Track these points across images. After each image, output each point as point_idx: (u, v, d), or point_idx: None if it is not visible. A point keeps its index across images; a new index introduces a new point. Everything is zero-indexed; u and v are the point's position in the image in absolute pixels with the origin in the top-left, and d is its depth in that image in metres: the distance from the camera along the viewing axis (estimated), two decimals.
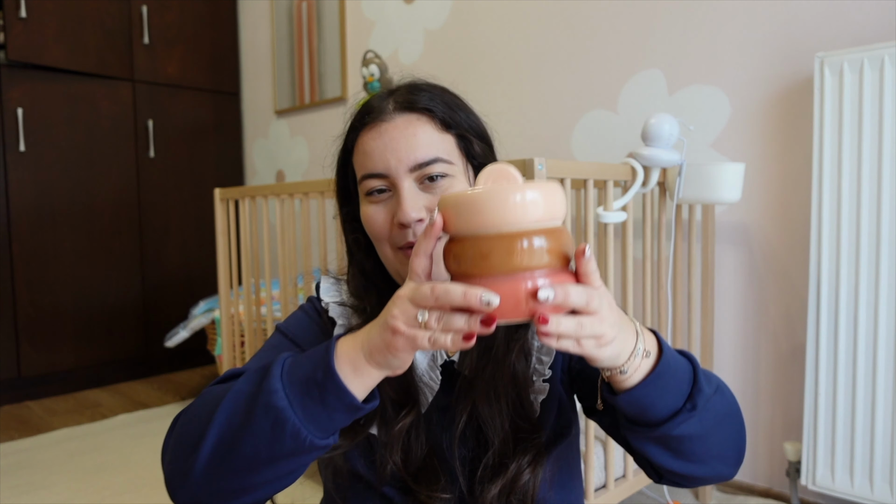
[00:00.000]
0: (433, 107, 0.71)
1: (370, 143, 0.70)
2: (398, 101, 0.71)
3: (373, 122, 0.71)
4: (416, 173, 0.69)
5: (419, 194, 0.69)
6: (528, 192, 0.51)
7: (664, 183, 1.49)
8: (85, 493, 1.82)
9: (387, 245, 0.70)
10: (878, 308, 1.34)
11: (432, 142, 0.69)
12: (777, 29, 1.59)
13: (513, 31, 2.16)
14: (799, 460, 1.53)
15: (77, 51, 2.79)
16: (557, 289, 0.50)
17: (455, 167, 0.70)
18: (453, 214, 0.53)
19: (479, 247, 0.51)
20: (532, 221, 0.51)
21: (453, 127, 0.72)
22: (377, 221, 0.70)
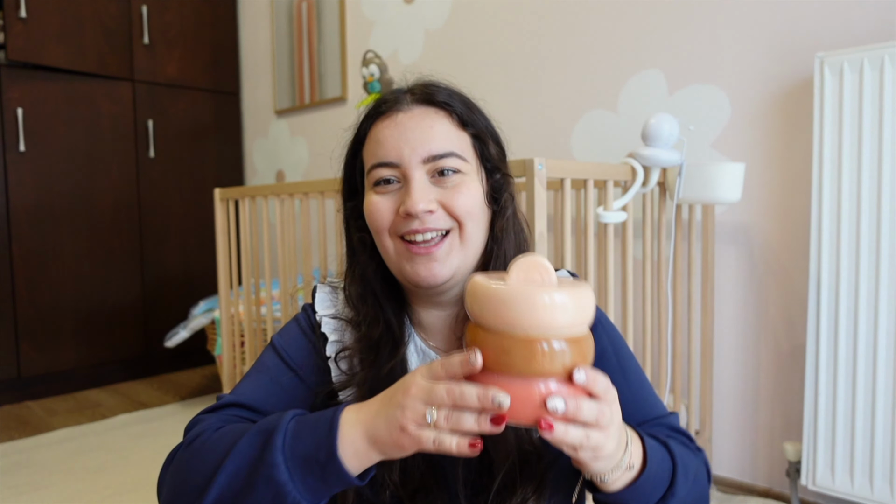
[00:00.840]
0: (452, 103, 0.70)
1: (384, 132, 0.69)
2: (416, 94, 0.71)
3: (389, 112, 0.70)
4: (428, 165, 0.68)
5: (429, 186, 0.68)
6: (557, 296, 0.50)
7: (664, 183, 1.49)
8: (85, 493, 1.82)
9: (387, 235, 0.69)
10: (879, 308, 1.34)
11: (448, 136, 0.69)
12: (777, 29, 1.59)
13: (513, 31, 2.16)
14: (799, 460, 1.53)
15: (77, 51, 2.79)
16: (569, 401, 0.50)
17: (469, 165, 0.70)
18: (480, 304, 0.52)
19: (501, 343, 0.50)
20: (557, 327, 0.50)
21: (470, 126, 0.71)
22: (381, 210, 0.68)
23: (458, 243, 0.69)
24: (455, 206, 0.67)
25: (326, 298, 0.78)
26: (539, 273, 0.54)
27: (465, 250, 0.69)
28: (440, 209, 0.67)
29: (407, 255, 0.68)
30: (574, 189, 1.77)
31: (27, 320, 2.71)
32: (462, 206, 0.68)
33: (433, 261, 0.67)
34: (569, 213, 1.24)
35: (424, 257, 0.67)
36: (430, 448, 0.52)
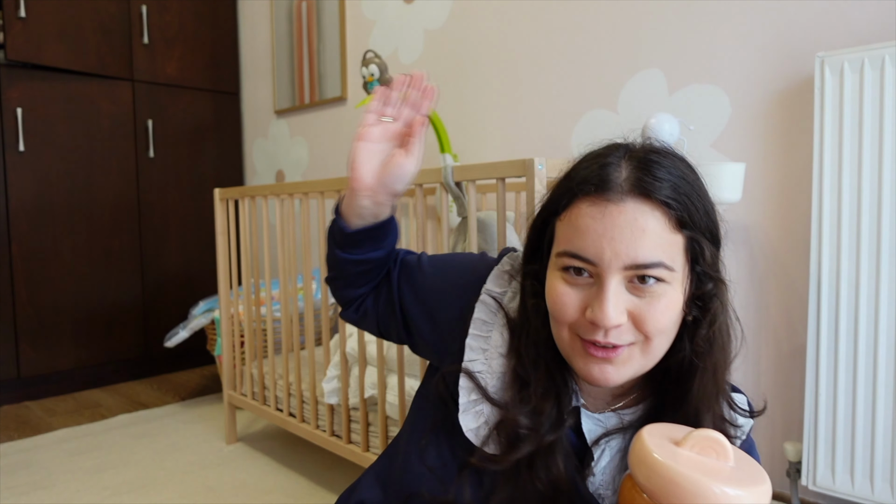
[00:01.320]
0: (672, 201, 0.60)
1: (587, 221, 0.60)
2: (636, 183, 0.60)
3: (598, 196, 0.61)
4: (629, 272, 0.60)
5: (624, 295, 0.60)
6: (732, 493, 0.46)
7: None
8: (85, 493, 1.82)
9: (566, 329, 0.64)
10: (879, 308, 1.34)
11: (660, 243, 0.59)
12: (777, 29, 1.59)
13: (513, 31, 2.16)
14: (799, 460, 1.52)
15: (76, 51, 2.79)
16: None
17: (675, 274, 0.61)
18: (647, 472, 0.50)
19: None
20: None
21: (687, 228, 0.61)
22: (566, 305, 0.62)
23: (640, 354, 0.62)
24: (647, 321, 0.60)
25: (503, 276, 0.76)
26: (717, 453, 0.50)
27: (645, 360, 0.63)
28: (629, 322, 0.61)
29: (582, 354, 0.63)
30: None
31: (27, 320, 2.71)
32: (655, 321, 0.60)
33: (609, 364, 0.62)
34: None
35: (602, 362, 0.62)
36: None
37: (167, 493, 1.82)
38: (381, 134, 0.76)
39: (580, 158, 0.67)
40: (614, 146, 0.66)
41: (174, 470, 1.97)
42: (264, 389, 2.05)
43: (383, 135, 0.76)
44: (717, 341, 0.65)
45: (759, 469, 0.51)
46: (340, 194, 0.80)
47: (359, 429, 1.67)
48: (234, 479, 1.91)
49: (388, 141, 0.77)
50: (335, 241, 0.80)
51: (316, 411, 1.82)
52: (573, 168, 0.66)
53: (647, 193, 0.60)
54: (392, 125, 0.77)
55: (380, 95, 0.77)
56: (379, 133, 0.76)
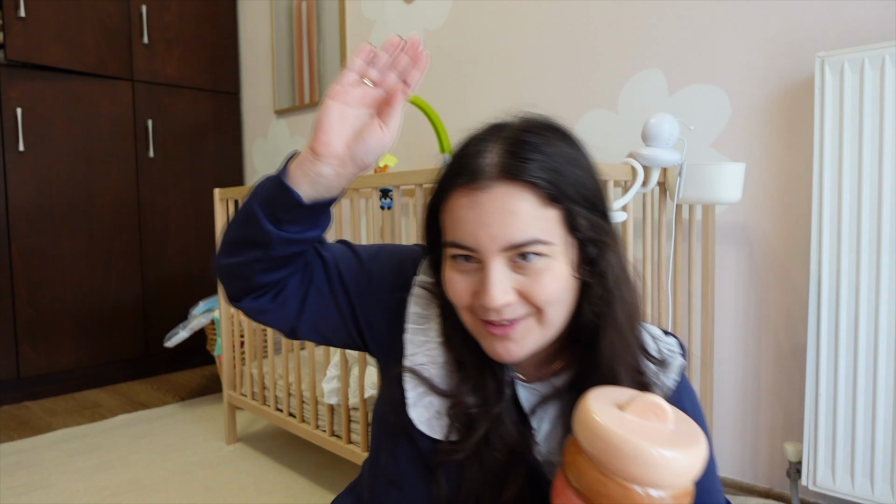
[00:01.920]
0: (540, 178, 0.61)
1: (461, 211, 0.63)
2: (502, 166, 0.62)
3: (468, 186, 0.62)
4: (508, 252, 0.62)
5: (508, 275, 0.62)
6: (668, 453, 0.48)
7: (664, 183, 1.49)
8: (85, 493, 1.81)
9: (466, 312, 0.67)
10: (879, 308, 1.34)
11: (532, 221, 0.61)
12: (777, 29, 1.59)
13: (513, 32, 2.16)
14: (799, 461, 1.52)
15: (76, 50, 2.79)
16: None
17: (554, 247, 0.62)
18: (588, 435, 0.52)
19: (600, 480, 0.50)
20: (661, 483, 0.49)
21: (559, 201, 0.62)
22: (458, 291, 0.65)
23: (537, 325, 0.64)
24: (534, 295, 0.62)
25: (421, 300, 0.76)
26: (657, 416, 0.52)
27: (544, 330, 0.65)
28: (518, 298, 0.63)
29: (484, 334, 0.65)
30: None
31: (26, 320, 2.71)
32: (542, 294, 0.62)
33: (509, 340, 0.64)
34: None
35: (500, 337, 0.64)
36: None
37: (167, 493, 1.82)
38: (359, 97, 0.67)
39: (459, 145, 0.67)
40: (490, 129, 0.67)
41: (174, 470, 1.97)
42: (264, 389, 2.05)
43: (361, 99, 0.68)
44: (615, 299, 0.66)
45: (697, 430, 0.53)
46: (290, 155, 0.70)
47: (359, 429, 1.67)
48: (234, 479, 1.91)
49: (364, 107, 0.68)
50: (272, 214, 0.67)
51: (316, 411, 1.82)
52: (453, 156, 0.67)
53: (514, 176, 0.61)
54: (372, 90, 0.68)
55: (365, 54, 0.67)
56: (357, 96, 0.67)
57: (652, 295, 1.51)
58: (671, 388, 0.71)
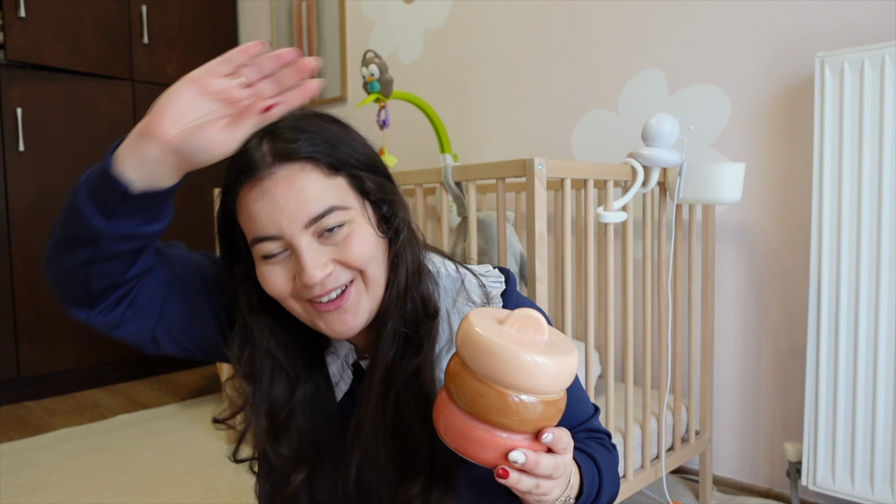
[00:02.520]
0: (315, 152, 0.64)
1: (254, 206, 0.63)
2: (276, 151, 0.63)
3: (251, 180, 0.63)
4: (311, 228, 0.63)
5: (319, 249, 0.64)
6: (541, 360, 0.52)
7: (664, 183, 1.49)
8: (85, 493, 1.81)
9: (293, 300, 0.67)
10: (879, 308, 1.34)
11: (322, 191, 0.63)
12: (777, 29, 1.59)
13: (513, 31, 2.16)
14: (799, 461, 1.52)
15: (76, 51, 2.79)
16: (530, 456, 0.53)
17: (352, 211, 0.65)
18: (470, 347, 0.54)
19: (480, 389, 0.53)
20: (535, 389, 0.53)
21: (342, 168, 0.65)
22: (277, 282, 0.65)
23: (364, 289, 0.67)
24: (351, 260, 0.65)
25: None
26: (533, 330, 0.56)
27: (371, 293, 0.68)
28: (337, 266, 0.65)
29: (318, 314, 0.67)
30: (574, 189, 1.77)
31: (26, 320, 2.71)
32: (357, 257, 0.65)
33: (345, 312, 0.66)
34: (569, 214, 1.24)
35: (335, 312, 0.66)
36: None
37: (167, 493, 1.82)
38: (219, 90, 0.60)
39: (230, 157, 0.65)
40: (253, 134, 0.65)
41: (174, 470, 1.97)
42: None
43: (222, 93, 0.60)
44: (404, 252, 0.70)
45: (570, 344, 0.57)
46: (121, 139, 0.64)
47: None
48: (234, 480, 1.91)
49: (221, 103, 0.61)
50: (102, 204, 0.60)
51: None
52: (227, 165, 0.67)
53: (290, 156, 0.63)
54: (238, 91, 0.60)
55: (253, 49, 0.60)
56: (218, 88, 0.60)
57: (652, 295, 1.51)
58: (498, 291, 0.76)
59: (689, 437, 1.60)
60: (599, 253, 1.53)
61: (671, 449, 1.55)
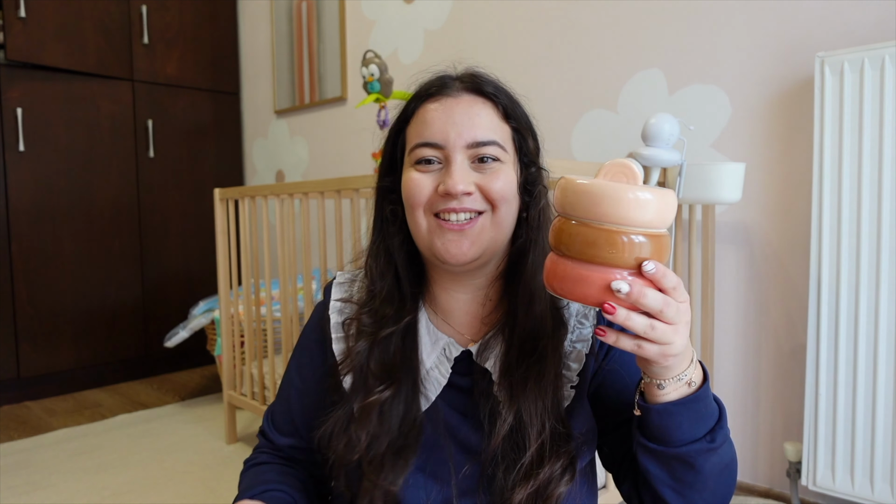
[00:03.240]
0: (498, 96, 0.74)
1: (432, 114, 0.72)
2: (465, 82, 0.74)
3: (439, 94, 0.73)
4: (470, 151, 0.70)
5: (469, 170, 0.70)
6: (640, 194, 0.53)
7: (664, 183, 1.49)
8: (85, 493, 1.81)
9: (422, 212, 0.71)
10: (879, 308, 1.34)
11: (493, 126, 0.72)
12: (777, 29, 1.59)
13: (512, 31, 2.16)
14: (799, 461, 1.52)
15: (76, 51, 2.79)
16: (634, 286, 0.53)
17: (507, 155, 0.72)
18: (570, 196, 0.56)
19: (586, 233, 0.54)
20: (638, 222, 0.53)
21: (513, 119, 0.74)
22: (421, 187, 0.70)
23: (490, 224, 0.70)
24: (492, 190, 0.69)
25: (344, 286, 0.81)
26: (626, 174, 0.57)
27: (495, 232, 0.71)
28: (477, 192, 0.70)
29: (439, 232, 0.70)
30: None
31: (27, 320, 2.71)
32: (498, 190, 0.70)
33: (465, 238, 0.69)
34: None
35: (457, 233, 0.69)
36: None
37: (167, 493, 1.82)
38: None
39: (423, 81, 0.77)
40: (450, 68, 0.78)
41: (174, 470, 1.97)
42: (264, 389, 2.05)
43: None
44: (543, 221, 0.74)
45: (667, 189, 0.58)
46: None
47: None
48: (234, 479, 1.91)
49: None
50: None
51: None
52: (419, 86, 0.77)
53: (477, 89, 0.74)
54: None
55: None
56: None
57: None
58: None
59: None
60: None
61: None
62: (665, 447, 0.62)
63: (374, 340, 0.73)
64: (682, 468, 0.63)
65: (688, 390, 0.60)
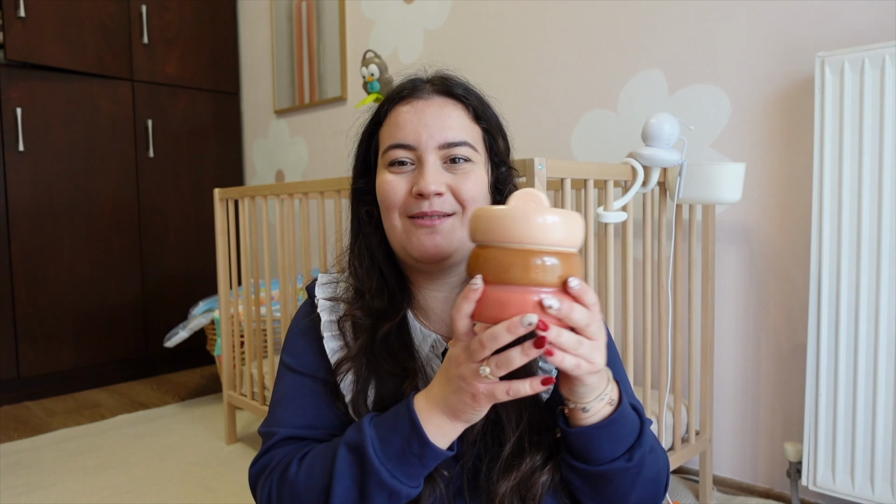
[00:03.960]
0: (468, 97, 0.76)
1: (404, 116, 0.73)
2: (436, 85, 0.76)
3: (410, 97, 0.75)
4: (442, 151, 0.72)
5: (441, 171, 0.72)
6: (549, 216, 0.56)
7: (664, 183, 1.49)
8: (85, 493, 1.81)
9: (397, 214, 0.73)
10: (879, 308, 1.34)
11: (463, 127, 0.74)
12: (777, 29, 1.59)
13: (512, 31, 2.16)
14: (799, 461, 1.52)
15: (76, 50, 2.79)
16: (563, 302, 0.55)
17: (479, 156, 0.74)
18: (483, 225, 0.58)
19: (502, 258, 0.56)
20: (550, 243, 0.56)
21: (483, 120, 0.76)
22: (395, 189, 0.72)
23: (459, 225, 0.73)
24: (462, 191, 0.72)
25: (328, 287, 0.81)
26: (534, 201, 0.60)
27: (464, 230, 0.73)
28: (448, 193, 0.72)
29: (413, 230, 0.72)
30: (574, 189, 1.77)
31: (26, 320, 2.71)
32: (469, 191, 0.72)
33: (437, 234, 0.71)
34: None
35: (429, 229, 0.71)
36: (505, 398, 0.57)
37: (167, 493, 1.82)
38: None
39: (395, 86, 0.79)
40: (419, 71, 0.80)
41: (174, 470, 1.97)
42: (264, 389, 2.05)
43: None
44: None
45: (573, 212, 0.60)
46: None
47: None
48: (234, 479, 1.91)
49: None
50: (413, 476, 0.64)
51: None
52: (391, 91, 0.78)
53: (448, 91, 0.76)
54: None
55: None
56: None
57: (652, 295, 1.51)
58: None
59: (689, 437, 1.60)
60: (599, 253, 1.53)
61: (671, 449, 1.55)
62: (586, 465, 0.66)
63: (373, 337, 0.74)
64: (602, 483, 0.67)
65: (609, 409, 0.64)
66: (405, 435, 0.62)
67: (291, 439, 0.73)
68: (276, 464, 0.70)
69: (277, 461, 0.71)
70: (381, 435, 0.63)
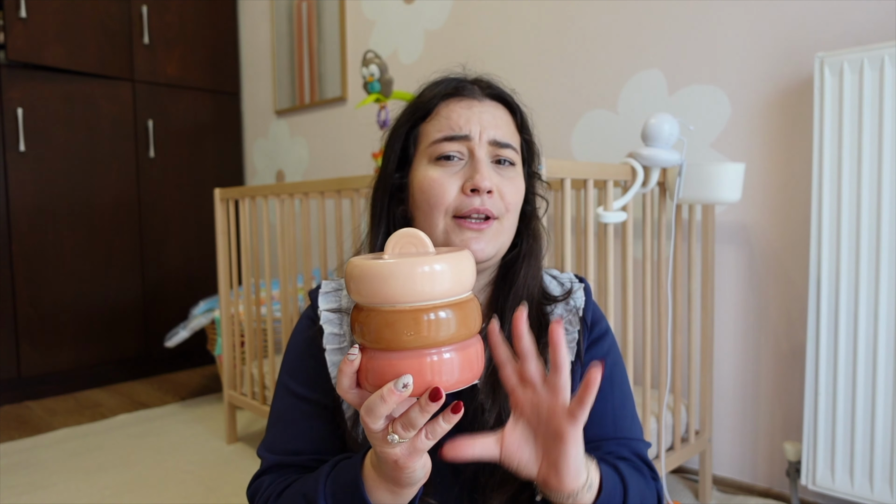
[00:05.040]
0: (516, 108, 0.76)
1: (457, 109, 0.72)
2: (486, 89, 0.75)
3: (462, 96, 0.73)
4: (492, 149, 0.71)
5: (492, 169, 0.71)
6: (434, 265, 0.49)
7: (664, 183, 1.49)
8: (85, 493, 1.82)
9: (442, 214, 0.69)
10: (879, 308, 1.34)
11: (510, 133, 0.73)
12: (777, 29, 1.59)
13: (512, 32, 2.16)
14: (799, 460, 1.53)
15: (77, 51, 2.79)
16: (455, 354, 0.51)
17: (519, 162, 0.74)
18: (359, 282, 0.50)
19: (384, 319, 0.49)
20: (439, 294, 0.49)
21: (525, 132, 0.77)
22: (445, 186, 0.69)
23: (502, 230, 0.72)
24: (507, 194, 0.71)
25: (332, 296, 0.77)
26: (414, 244, 0.54)
27: (504, 237, 0.72)
28: (496, 193, 0.70)
29: (458, 231, 0.69)
30: (574, 189, 1.77)
31: (27, 320, 2.71)
32: (512, 196, 0.71)
33: (482, 237, 0.69)
34: (569, 213, 1.24)
35: (475, 233, 0.69)
36: (429, 443, 0.53)
37: (167, 493, 1.82)
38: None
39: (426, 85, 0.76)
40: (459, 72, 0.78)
41: (174, 470, 1.97)
42: (264, 389, 2.06)
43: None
44: (539, 233, 0.77)
45: (459, 248, 0.57)
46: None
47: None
48: (234, 479, 1.91)
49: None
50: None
51: None
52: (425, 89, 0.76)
53: (498, 97, 0.75)
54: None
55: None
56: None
57: (652, 295, 1.51)
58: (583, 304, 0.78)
59: (689, 437, 1.60)
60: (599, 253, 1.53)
61: (671, 448, 1.55)
62: None
63: None
64: None
65: (590, 495, 0.60)
66: (352, 500, 0.59)
67: (279, 466, 0.73)
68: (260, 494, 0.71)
69: (263, 490, 0.71)
70: (333, 492, 0.61)
